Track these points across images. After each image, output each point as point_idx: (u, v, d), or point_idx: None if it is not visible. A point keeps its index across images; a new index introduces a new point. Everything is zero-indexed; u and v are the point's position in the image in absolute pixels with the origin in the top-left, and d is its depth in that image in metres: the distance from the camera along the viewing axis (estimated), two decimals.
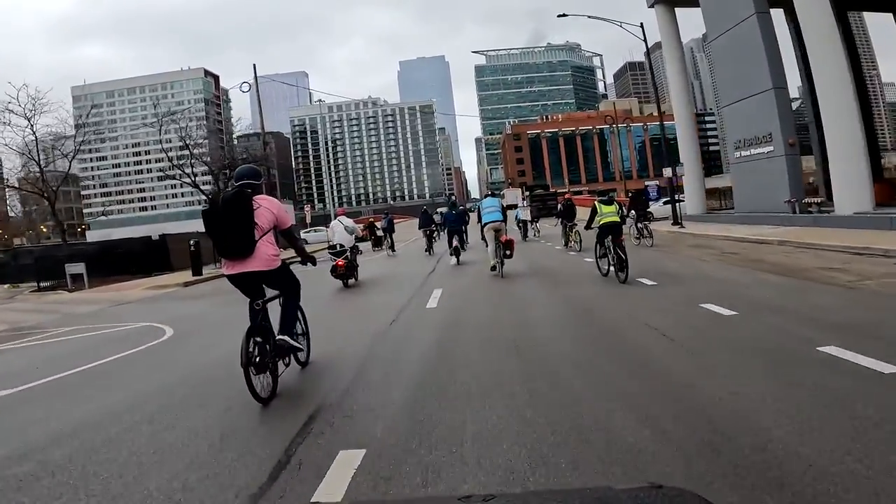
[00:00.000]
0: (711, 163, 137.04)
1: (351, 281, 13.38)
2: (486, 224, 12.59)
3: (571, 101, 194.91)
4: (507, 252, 12.38)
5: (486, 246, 12.87)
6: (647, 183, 40.50)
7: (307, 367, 5.76)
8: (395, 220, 26.35)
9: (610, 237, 10.20)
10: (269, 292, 5.22)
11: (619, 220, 10.44)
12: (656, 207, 31.46)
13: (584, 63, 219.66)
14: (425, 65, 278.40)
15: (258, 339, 4.70)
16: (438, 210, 35.19)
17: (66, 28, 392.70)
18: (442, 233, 22.97)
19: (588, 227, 11.22)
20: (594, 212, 10.72)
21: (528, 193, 56.49)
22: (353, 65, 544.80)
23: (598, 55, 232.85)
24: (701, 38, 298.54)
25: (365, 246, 27.02)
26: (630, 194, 22.96)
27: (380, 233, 26.76)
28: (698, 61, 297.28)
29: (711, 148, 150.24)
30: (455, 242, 16.70)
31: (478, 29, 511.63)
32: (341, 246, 13.10)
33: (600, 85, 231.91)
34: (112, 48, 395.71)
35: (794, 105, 21.78)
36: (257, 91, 36.53)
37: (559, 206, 18.92)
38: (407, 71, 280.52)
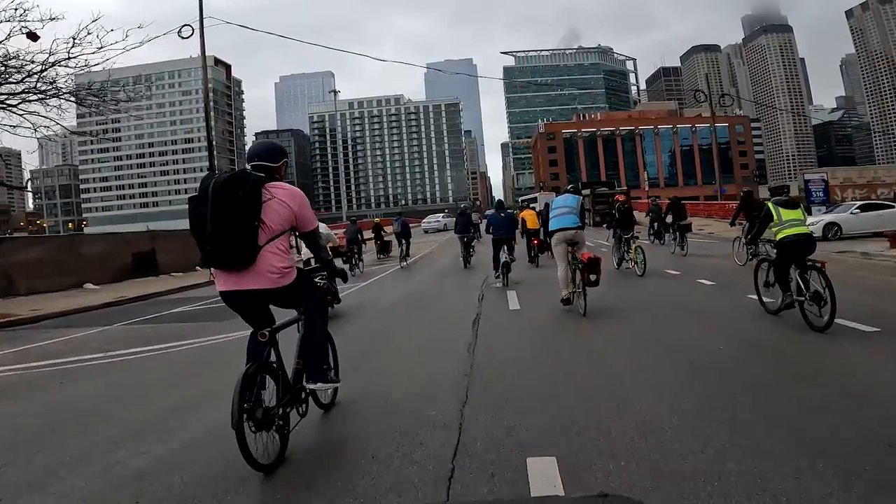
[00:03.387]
0: (759, 171, 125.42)
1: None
2: (553, 232, 8.45)
3: (604, 106, 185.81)
4: (593, 277, 7.82)
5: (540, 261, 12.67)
6: (808, 176, 28.57)
7: (331, 412, 4.29)
8: (409, 224, 21.54)
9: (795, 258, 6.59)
10: (282, 314, 3.83)
11: (810, 231, 6.75)
12: (845, 217, 19.58)
13: (617, 67, 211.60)
14: (452, 67, 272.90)
15: (263, 381, 3.40)
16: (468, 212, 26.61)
17: (108, 25, 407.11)
18: (478, 240, 18.87)
19: (752, 240, 8.31)
20: (767, 218, 6.95)
21: (588, 193, 43.25)
22: (382, 68, 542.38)
23: (632, 59, 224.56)
24: (740, 44, 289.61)
25: (370, 256, 22.41)
26: (669, 199, 18.27)
27: (388, 238, 23.13)
28: (735, 67, 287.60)
29: (758, 157, 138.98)
30: (503, 256, 12.27)
31: (507, 36, 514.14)
32: (307, 264, 8.22)
33: (633, 89, 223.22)
34: (147, 46, 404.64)
35: None
36: (202, 37, 26.30)
37: (613, 210, 14.57)
38: (433, 73, 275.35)
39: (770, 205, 6.95)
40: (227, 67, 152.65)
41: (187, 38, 29.40)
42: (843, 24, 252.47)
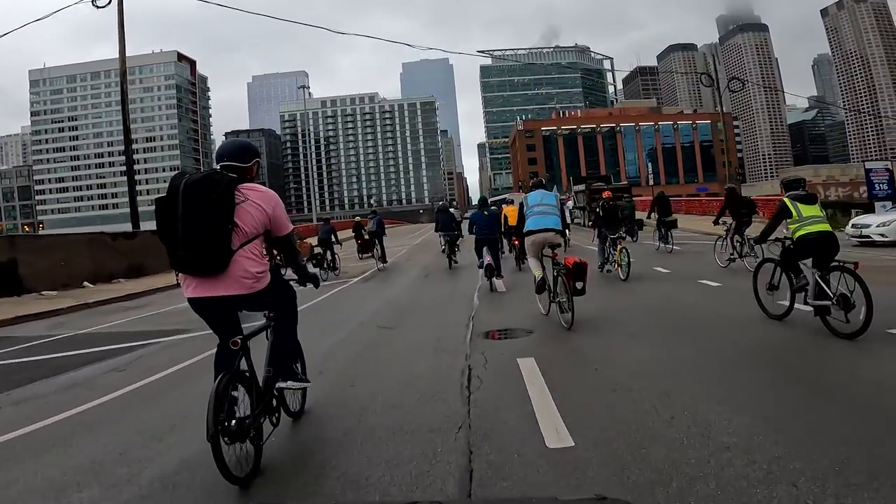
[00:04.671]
0: (739, 170, 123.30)
1: None
2: (530, 233, 7.49)
3: (581, 105, 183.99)
4: (579, 285, 6.81)
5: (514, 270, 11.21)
6: (870, 165, 24.84)
7: (302, 420, 4.09)
8: (385, 224, 19.96)
9: (812, 259, 6.03)
10: (253, 318, 3.76)
11: (831, 229, 6.13)
12: None
13: (594, 66, 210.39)
14: (429, 67, 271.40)
15: (236, 392, 3.23)
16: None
17: (83, 29, 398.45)
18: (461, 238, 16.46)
19: (762, 238, 6.80)
20: (784, 213, 6.26)
21: (582, 188, 34.95)
22: (358, 70, 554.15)
23: (609, 58, 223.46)
24: (716, 43, 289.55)
25: (350, 253, 22.19)
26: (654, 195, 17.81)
27: (367, 236, 20.93)
28: (710, 67, 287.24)
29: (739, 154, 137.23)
30: (487, 258, 11.21)
31: (484, 38, 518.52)
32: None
33: (610, 89, 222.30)
34: (107, 42, 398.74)
35: None
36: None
37: (598, 209, 13.11)
38: (410, 73, 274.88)
39: (787, 200, 6.31)
40: (192, 63, 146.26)
41: (104, 7, 24.65)
42: (814, 26, 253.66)
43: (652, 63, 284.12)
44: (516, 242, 13.84)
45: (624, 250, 11.35)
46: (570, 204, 34.54)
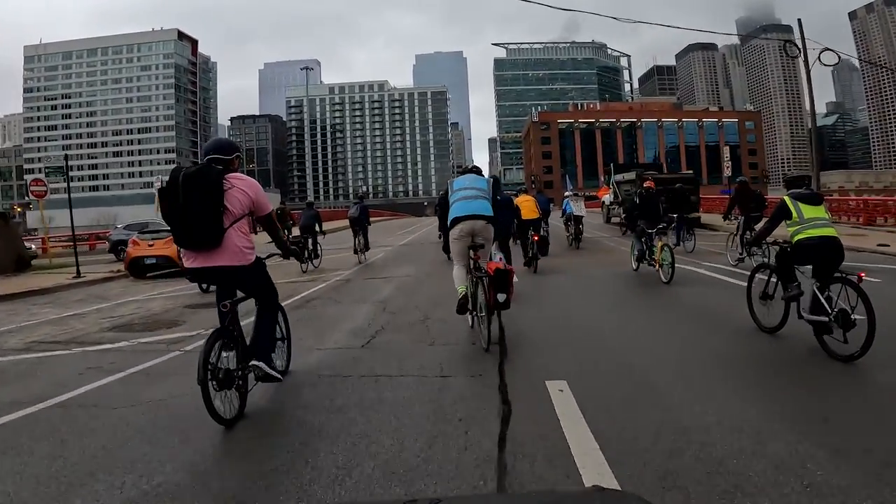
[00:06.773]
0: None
1: None
2: (456, 221, 5.98)
3: (595, 102, 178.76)
4: (501, 297, 5.65)
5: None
6: None
7: (286, 379, 4.63)
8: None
9: (812, 267, 5.30)
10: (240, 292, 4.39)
11: (836, 233, 5.30)
12: None
13: (611, 63, 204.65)
14: (442, 59, 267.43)
15: (226, 345, 3.97)
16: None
17: (106, 13, 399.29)
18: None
19: (757, 240, 6.56)
20: (783, 214, 5.44)
21: (632, 177, 25.45)
22: (372, 64, 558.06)
23: (627, 55, 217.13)
24: (737, 43, 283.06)
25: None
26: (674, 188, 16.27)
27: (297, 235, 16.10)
28: (730, 68, 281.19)
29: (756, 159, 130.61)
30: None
31: (500, 33, 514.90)
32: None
33: (626, 87, 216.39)
34: (105, 19, 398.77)
35: None
36: None
37: (635, 198, 11.67)
38: (423, 65, 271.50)
39: (787, 198, 5.50)
40: (194, 43, 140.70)
41: None
42: (834, 31, 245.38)
43: (671, 62, 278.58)
44: (535, 238, 11.98)
45: (666, 248, 10.02)
46: (607, 198, 28.18)
